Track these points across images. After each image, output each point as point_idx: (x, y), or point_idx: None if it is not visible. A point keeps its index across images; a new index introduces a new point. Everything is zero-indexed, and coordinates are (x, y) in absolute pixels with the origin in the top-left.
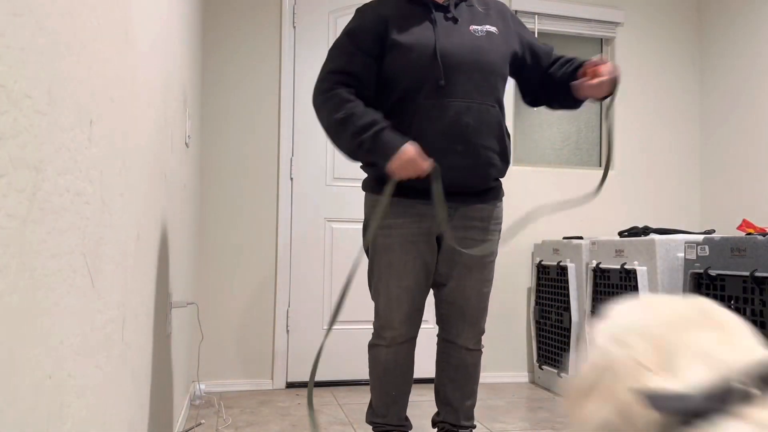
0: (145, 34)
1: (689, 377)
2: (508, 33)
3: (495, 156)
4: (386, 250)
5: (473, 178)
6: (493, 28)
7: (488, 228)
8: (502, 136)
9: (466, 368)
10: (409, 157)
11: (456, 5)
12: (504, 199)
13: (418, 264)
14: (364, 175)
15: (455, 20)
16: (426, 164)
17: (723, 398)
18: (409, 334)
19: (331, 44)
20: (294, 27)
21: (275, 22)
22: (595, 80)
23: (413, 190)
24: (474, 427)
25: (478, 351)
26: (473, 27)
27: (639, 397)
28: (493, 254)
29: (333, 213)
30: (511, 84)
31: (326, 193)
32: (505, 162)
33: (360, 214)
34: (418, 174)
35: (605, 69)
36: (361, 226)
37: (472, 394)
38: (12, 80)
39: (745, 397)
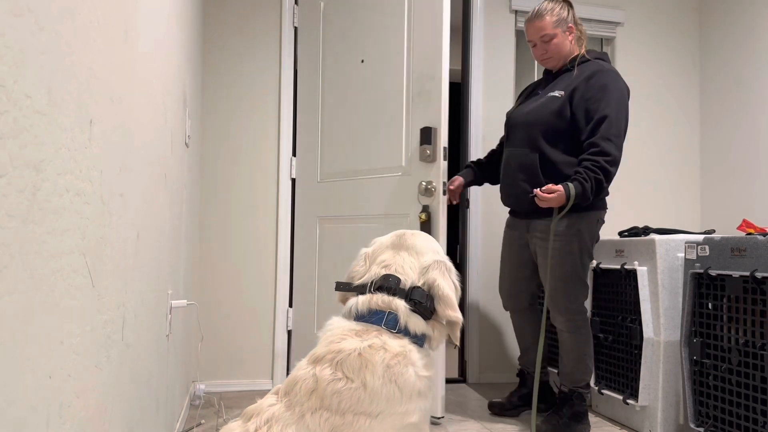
0: (145, 34)
1: (365, 276)
2: (572, 95)
3: (529, 186)
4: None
5: (519, 203)
6: (558, 93)
7: (547, 237)
8: (537, 173)
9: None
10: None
11: (558, 76)
12: None
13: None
14: (359, 176)
15: (543, 89)
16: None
17: (364, 288)
18: (512, 306)
19: (329, 44)
20: (294, 27)
21: (275, 22)
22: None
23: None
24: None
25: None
26: (550, 94)
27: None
28: (552, 254)
29: (331, 213)
30: (510, 93)
31: (326, 193)
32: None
33: (357, 212)
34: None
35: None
36: (360, 225)
37: (567, 363)
38: (12, 80)
39: (379, 288)
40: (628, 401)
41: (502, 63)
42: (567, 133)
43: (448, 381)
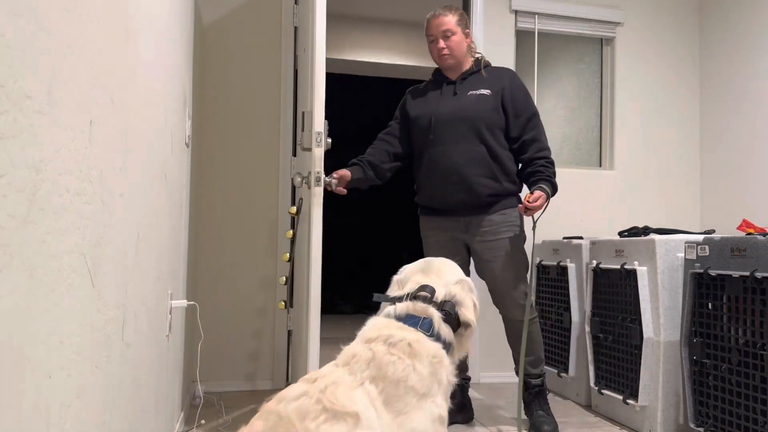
0: (146, 35)
1: (401, 292)
2: (503, 93)
3: (485, 179)
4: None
5: (470, 199)
6: (485, 92)
7: (499, 230)
8: (489, 165)
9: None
10: None
11: (465, 78)
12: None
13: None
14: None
15: (454, 91)
16: None
17: (401, 298)
18: None
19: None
20: (294, 27)
21: (275, 22)
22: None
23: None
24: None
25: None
26: (476, 92)
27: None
28: (505, 248)
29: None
30: None
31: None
32: (499, 182)
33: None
34: None
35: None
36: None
37: (536, 350)
38: (12, 80)
39: (414, 298)
40: (628, 401)
41: (502, 63)
42: (502, 129)
43: None
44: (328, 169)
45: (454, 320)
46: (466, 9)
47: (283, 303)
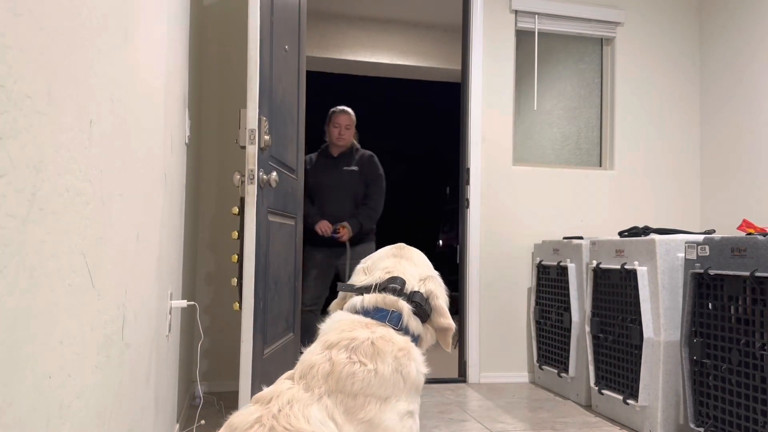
0: (146, 34)
1: (368, 279)
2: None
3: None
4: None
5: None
6: (354, 168)
7: (353, 257)
8: (354, 214)
9: None
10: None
11: (342, 156)
12: (506, 198)
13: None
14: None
15: (337, 163)
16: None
17: (368, 288)
18: (318, 307)
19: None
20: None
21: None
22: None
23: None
24: None
25: None
26: (348, 168)
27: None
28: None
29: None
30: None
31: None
32: (359, 226)
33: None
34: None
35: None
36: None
37: None
38: (12, 80)
39: (383, 289)
40: (628, 401)
41: (502, 63)
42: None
43: (448, 381)
44: None
45: (424, 312)
46: (466, 9)
47: (237, 304)
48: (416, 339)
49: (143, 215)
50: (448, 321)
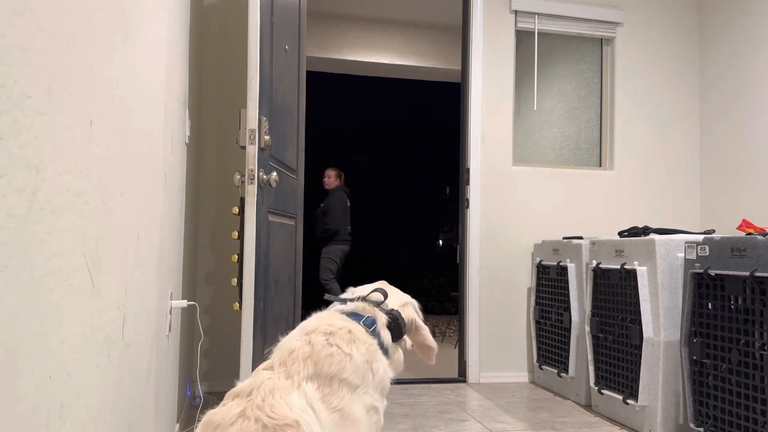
0: (145, 35)
1: (353, 295)
2: None
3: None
4: None
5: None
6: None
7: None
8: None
9: None
10: None
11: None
12: (506, 198)
13: None
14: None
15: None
16: None
17: (353, 300)
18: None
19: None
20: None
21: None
22: None
23: None
24: None
25: None
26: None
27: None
28: None
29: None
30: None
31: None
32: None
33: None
34: None
35: None
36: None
37: None
38: (12, 80)
39: (364, 300)
40: (628, 401)
41: (502, 63)
42: None
43: (448, 381)
44: (327, 165)
45: (398, 329)
46: (466, 9)
47: (237, 304)
48: (385, 351)
49: (143, 215)
50: (431, 341)
